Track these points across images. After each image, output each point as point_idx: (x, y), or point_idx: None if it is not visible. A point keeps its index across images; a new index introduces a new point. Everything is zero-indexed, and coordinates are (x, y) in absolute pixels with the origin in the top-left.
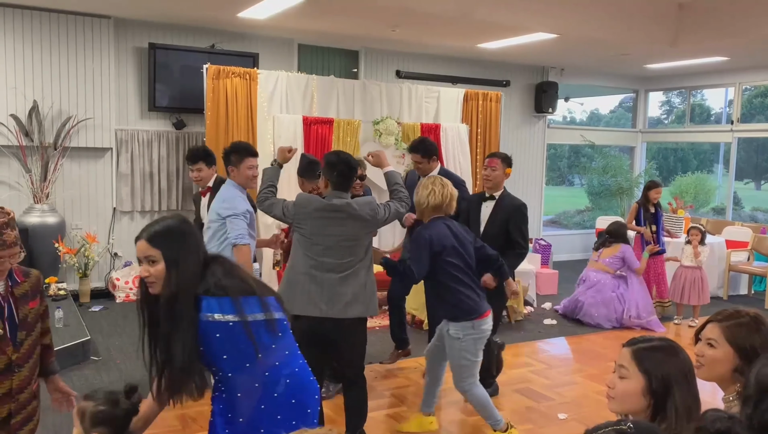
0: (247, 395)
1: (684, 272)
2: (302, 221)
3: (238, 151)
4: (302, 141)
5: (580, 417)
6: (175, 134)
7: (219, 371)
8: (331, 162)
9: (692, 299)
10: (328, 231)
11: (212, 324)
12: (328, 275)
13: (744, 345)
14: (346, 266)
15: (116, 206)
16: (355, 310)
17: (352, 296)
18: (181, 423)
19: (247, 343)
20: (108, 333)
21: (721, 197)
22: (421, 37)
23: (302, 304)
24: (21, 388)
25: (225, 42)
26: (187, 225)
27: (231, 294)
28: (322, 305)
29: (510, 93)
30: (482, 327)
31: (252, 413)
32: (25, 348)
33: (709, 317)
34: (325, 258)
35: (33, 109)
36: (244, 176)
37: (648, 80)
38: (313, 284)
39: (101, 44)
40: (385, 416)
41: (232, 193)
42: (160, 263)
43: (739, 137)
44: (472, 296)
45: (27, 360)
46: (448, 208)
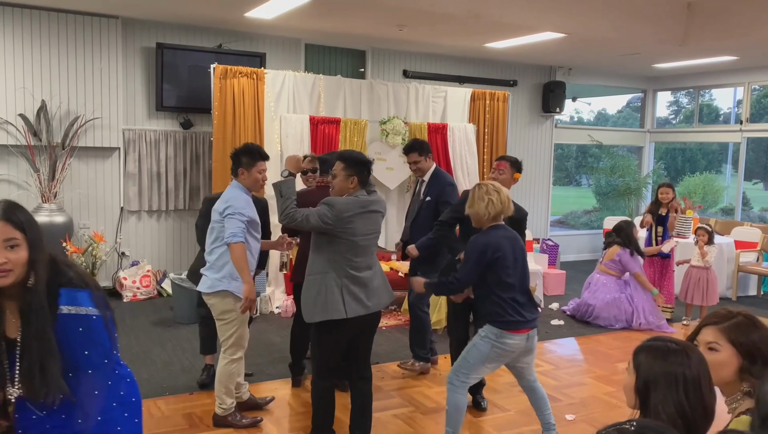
0: (103, 393)
1: (691, 271)
2: (347, 225)
3: (251, 153)
4: (309, 141)
5: (588, 418)
6: (182, 134)
7: (77, 368)
8: (361, 161)
9: (696, 299)
10: (368, 229)
11: (75, 318)
12: (364, 273)
13: (746, 343)
14: (373, 261)
15: (124, 205)
16: (385, 299)
17: (383, 287)
18: (187, 421)
19: (106, 338)
20: None
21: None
22: (428, 36)
23: (351, 307)
24: None
25: (232, 42)
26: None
27: (91, 288)
28: (367, 303)
29: (517, 93)
30: (506, 340)
31: (109, 411)
32: None
33: (701, 321)
34: (361, 257)
35: (41, 109)
36: (253, 179)
37: (656, 80)
38: (355, 286)
39: (109, 44)
40: (392, 416)
41: (235, 193)
42: (23, 248)
43: (748, 137)
44: (514, 308)
45: None
46: (507, 212)
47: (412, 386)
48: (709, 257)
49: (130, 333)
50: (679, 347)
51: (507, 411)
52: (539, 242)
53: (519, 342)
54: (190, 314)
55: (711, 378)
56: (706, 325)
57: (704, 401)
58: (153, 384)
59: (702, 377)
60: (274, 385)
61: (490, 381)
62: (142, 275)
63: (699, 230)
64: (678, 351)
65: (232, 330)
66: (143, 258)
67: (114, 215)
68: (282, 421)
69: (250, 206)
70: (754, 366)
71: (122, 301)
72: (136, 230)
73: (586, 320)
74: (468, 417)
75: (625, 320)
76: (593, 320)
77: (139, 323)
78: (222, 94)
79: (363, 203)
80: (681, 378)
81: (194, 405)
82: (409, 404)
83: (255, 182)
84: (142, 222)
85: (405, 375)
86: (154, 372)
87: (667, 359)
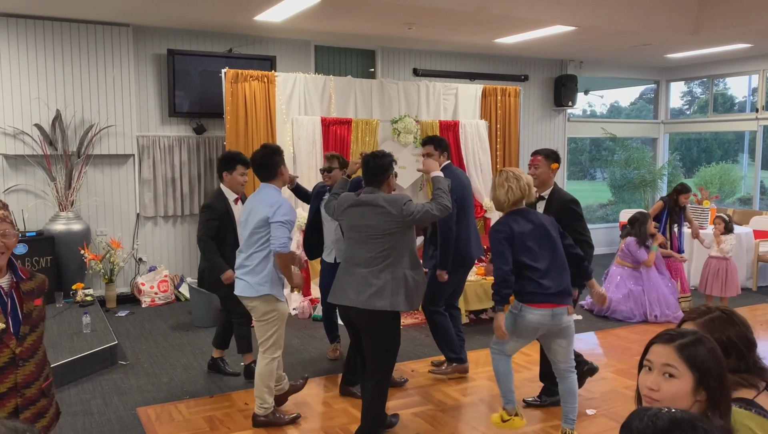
0: None
1: (709, 262)
2: (341, 216)
3: (280, 153)
4: (321, 142)
5: (609, 412)
6: (195, 139)
7: None
8: (364, 161)
9: (715, 290)
10: (358, 224)
11: None
12: (358, 268)
13: (721, 338)
14: (376, 259)
15: (140, 211)
16: (378, 302)
17: (377, 289)
18: (208, 424)
19: None
20: (135, 337)
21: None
22: (438, 34)
23: (335, 293)
24: (27, 383)
25: (242, 46)
26: None
27: None
28: (351, 295)
29: (529, 87)
30: (526, 314)
31: None
32: (28, 343)
33: (683, 317)
34: (356, 251)
35: (56, 118)
36: (284, 180)
37: (669, 70)
38: (348, 276)
39: (121, 52)
40: (412, 415)
41: (278, 198)
42: None
43: (764, 125)
44: (535, 282)
45: (32, 355)
46: (529, 198)
47: (433, 384)
48: (724, 245)
49: (150, 338)
50: (700, 333)
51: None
52: None
53: (540, 318)
54: (208, 318)
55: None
56: (685, 321)
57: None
58: (173, 388)
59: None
60: None
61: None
62: (160, 280)
63: (716, 219)
64: (705, 336)
65: (273, 329)
66: (160, 263)
67: (130, 221)
68: (301, 421)
69: (293, 209)
70: (728, 359)
71: (141, 306)
72: (153, 235)
73: (604, 314)
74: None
75: (643, 313)
76: (611, 314)
77: (158, 328)
78: (234, 99)
79: (354, 200)
80: (723, 358)
81: (215, 408)
82: (429, 402)
83: (284, 184)
84: (158, 228)
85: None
86: (174, 376)
87: (712, 343)
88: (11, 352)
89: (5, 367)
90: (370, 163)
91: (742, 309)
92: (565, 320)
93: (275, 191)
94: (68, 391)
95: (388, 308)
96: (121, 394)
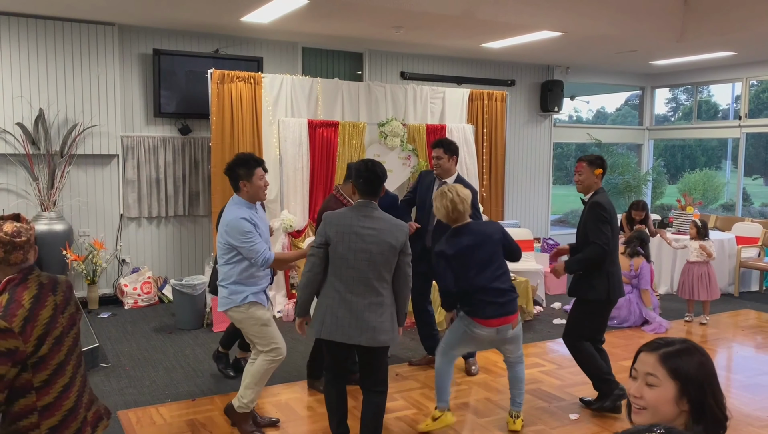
0: None
1: (691, 268)
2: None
3: (246, 162)
4: (308, 144)
5: (592, 417)
6: (181, 140)
7: None
8: (357, 169)
9: (702, 294)
10: (355, 247)
11: None
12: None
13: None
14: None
15: (123, 212)
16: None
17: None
18: (190, 428)
19: None
20: (117, 339)
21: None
22: (425, 38)
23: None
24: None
25: (229, 47)
26: None
27: None
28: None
29: (515, 92)
30: (474, 328)
31: None
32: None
33: (639, 348)
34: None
35: (39, 117)
36: (256, 188)
37: (654, 77)
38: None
39: (106, 51)
40: (395, 419)
41: (232, 213)
42: None
43: (747, 133)
44: (485, 300)
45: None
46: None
47: (415, 388)
48: (710, 249)
49: (132, 340)
50: (691, 343)
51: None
52: (540, 242)
53: (484, 333)
54: (191, 320)
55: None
56: (642, 352)
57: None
58: (155, 391)
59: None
60: (277, 389)
61: (493, 382)
62: (143, 281)
63: (690, 223)
64: (697, 347)
65: (263, 333)
66: (144, 265)
67: (114, 222)
68: (285, 425)
69: (254, 218)
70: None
71: (123, 308)
72: (136, 236)
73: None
74: (470, 417)
75: (634, 321)
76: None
77: (141, 330)
78: (220, 100)
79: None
80: (713, 371)
81: (197, 411)
82: (412, 406)
83: (258, 190)
84: (142, 229)
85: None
86: (156, 379)
87: (703, 355)
88: None
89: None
90: (364, 174)
91: (724, 315)
92: (512, 333)
93: (235, 205)
94: None
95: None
96: (102, 397)
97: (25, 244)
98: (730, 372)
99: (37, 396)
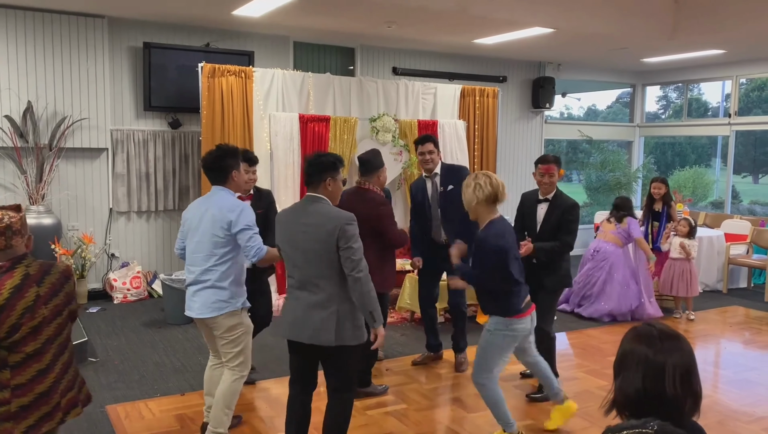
0: None
1: (673, 264)
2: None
3: (234, 154)
4: (299, 139)
5: (581, 412)
6: (171, 134)
7: None
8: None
9: (681, 291)
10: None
11: None
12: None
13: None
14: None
15: (113, 206)
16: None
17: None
18: (179, 423)
19: None
20: (106, 334)
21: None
22: (417, 33)
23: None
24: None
25: (220, 40)
26: None
27: None
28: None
29: (507, 89)
30: (516, 325)
31: None
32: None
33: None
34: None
35: (27, 110)
36: (243, 181)
37: (645, 75)
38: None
39: (95, 44)
40: (385, 414)
41: (236, 202)
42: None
43: (736, 131)
44: (516, 293)
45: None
46: (502, 196)
47: (405, 383)
48: (693, 252)
49: (121, 335)
50: (656, 332)
51: None
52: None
53: (526, 325)
54: (180, 315)
55: (688, 372)
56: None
57: (664, 390)
58: (144, 386)
59: (668, 366)
60: (268, 384)
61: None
62: (132, 276)
63: (682, 221)
64: (653, 336)
65: (242, 344)
66: (133, 259)
67: (103, 216)
68: (274, 421)
69: (252, 211)
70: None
71: (112, 303)
72: (126, 231)
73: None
74: (462, 413)
75: (630, 307)
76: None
77: (130, 325)
78: (210, 93)
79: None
80: (642, 361)
81: (186, 406)
82: (402, 401)
83: (242, 182)
84: (131, 223)
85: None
86: (145, 373)
87: (639, 341)
88: None
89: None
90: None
91: (712, 311)
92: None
93: (230, 194)
94: None
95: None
96: (91, 392)
97: (5, 230)
98: (718, 368)
99: (11, 374)
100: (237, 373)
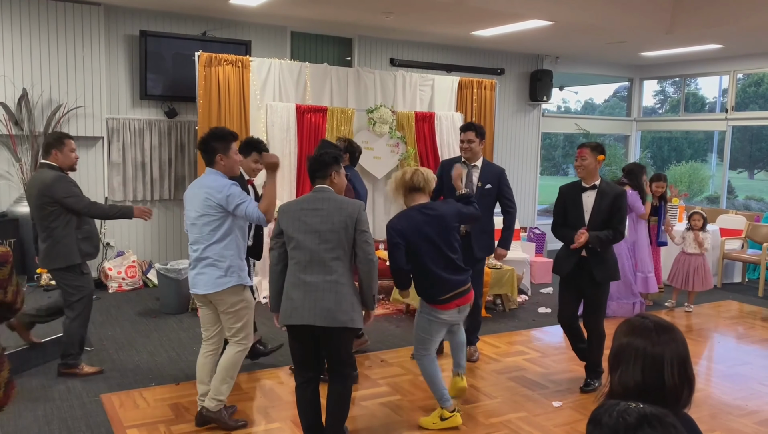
0: None
1: (688, 259)
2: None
3: (223, 136)
4: (296, 130)
5: (575, 404)
6: (167, 123)
7: None
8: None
9: (696, 285)
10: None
11: None
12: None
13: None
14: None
15: (108, 195)
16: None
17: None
18: (174, 411)
19: None
20: (101, 323)
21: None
22: (416, 24)
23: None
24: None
25: (217, 29)
26: None
27: None
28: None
29: (504, 81)
30: (435, 313)
31: None
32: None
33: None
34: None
35: (22, 97)
36: (232, 162)
37: (643, 69)
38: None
39: (91, 32)
40: (380, 405)
41: (224, 181)
42: None
43: (733, 126)
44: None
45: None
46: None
47: (400, 374)
48: (707, 244)
49: (116, 324)
50: (651, 324)
51: (494, 398)
52: (526, 231)
53: (451, 316)
54: (176, 305)
55: (684, 362)
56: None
57: (663, 382)
58: (139, 375)
59: (666, 357)
60: (260, 374)
61: (478, 369)
62: (128, 265)
63: (694, 214)
64: (648, 329)
65: (245, 318)
66: (128, 249)
67: None
68: (269, 410)
69: (242, 190)
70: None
71: (107, 292)
72: (121, 221)
73: None
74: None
75: (630, 294)
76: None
77: (125, 314)
78: (207, 83)
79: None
80: (641, 354)
81: (180, 396)
82: (397, 392)
83: (234, 164)
84: None
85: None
86: (140, 363)
87: (635, 334)
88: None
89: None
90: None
91: (706, 306)
92: (468, 308)
93: (220, 175)
94: (30, 377)
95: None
96: (85, 380)
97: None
98: (712, 361)
99: None
100: (240, 346)
